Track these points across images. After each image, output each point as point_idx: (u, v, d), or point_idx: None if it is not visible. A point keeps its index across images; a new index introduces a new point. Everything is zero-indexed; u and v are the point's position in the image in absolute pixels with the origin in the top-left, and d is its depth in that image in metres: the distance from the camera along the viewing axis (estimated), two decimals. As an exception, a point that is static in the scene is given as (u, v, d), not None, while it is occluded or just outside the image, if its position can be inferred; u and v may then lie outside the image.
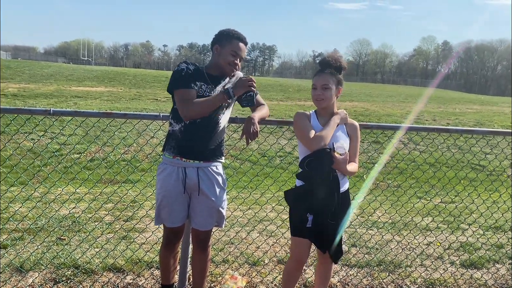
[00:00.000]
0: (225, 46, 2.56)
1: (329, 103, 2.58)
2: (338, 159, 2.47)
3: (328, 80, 2.53)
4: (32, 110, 2.79)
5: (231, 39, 2.57)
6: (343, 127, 2.66)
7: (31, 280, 3.20)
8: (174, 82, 2.52)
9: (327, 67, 2.57)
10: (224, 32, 2.60)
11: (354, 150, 2.67)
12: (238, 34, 2.60)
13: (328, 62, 2.57)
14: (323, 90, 2.53)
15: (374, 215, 5.06)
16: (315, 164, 2.51)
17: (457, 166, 8.72)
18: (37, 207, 4.78)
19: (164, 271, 2.84)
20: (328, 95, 2.54)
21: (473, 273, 3.79)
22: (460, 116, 17.32)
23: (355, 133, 2.68)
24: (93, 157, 8.43)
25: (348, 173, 2.58)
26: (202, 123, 2.55)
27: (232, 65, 2.58)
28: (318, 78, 2.55)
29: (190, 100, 2.47)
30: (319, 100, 2.56)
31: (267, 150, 8.91)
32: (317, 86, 2.55)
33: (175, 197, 2.59)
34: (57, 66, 40.06)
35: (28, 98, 15.69)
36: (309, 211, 2.57)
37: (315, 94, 2.56)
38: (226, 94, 2.46)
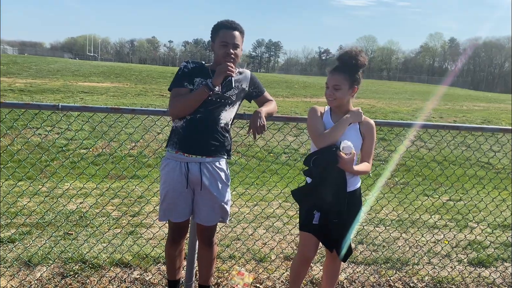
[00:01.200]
0: (215, 40, 2.56)
1: (340, 103, 2.53)
2: (344, 159, 2.40)
3: (339, 81, 2.47)
4: (40, 105, 2.79)
5: (217, 31, 2.56)
6: (357, 126, 2.59)
7: (39, 274, 3.22)
8: (174, 81, 2.59)
9: (342, 64, 2.50)
10: (213, 26, 2.60)
11: (368, 150, 2.61)
12: (224, 22, 2.56)
13: (345, 61, 2.48)
14: (334, 91, 2.48)
15: (382, 212, 5.04)
16: (319, 162, 2.49)
17: (466, 164, 8.67)
18: (45, 202, 4.80)
19: (170, 267, 2.84)
20: (339, 96, 2.49)
21: (481, 271, 3.77)
22: (467, 114, 17.21)
23: (370, 133, 2.61)
24: (100, 152, 8.46)
25: (356, 172, 2.51)
26: (202, 119, 2.54)
27: (225, 56, 2.52)
28: (330, 77, 2.50)
29: (175, 99, 2.53)
30: (330, 100, 2.52)
31: (274, 146, 8.89)
32: (329, 85, 2.51)
33: (178, 192, 2.59)
34: (63, 61, 40.22)
35: (35, 94, 15.78)
36: (316, 208, 2.56)
37: (327, 93, 2.53)
38: (206, 86, 2.46)
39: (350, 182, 2.59)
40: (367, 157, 2.62)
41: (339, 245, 2.65)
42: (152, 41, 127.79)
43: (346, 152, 2.41)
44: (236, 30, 2.55)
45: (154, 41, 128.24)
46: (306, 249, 2.66)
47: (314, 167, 2.51)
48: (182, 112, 2.52)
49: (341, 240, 2.65)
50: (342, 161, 2.41)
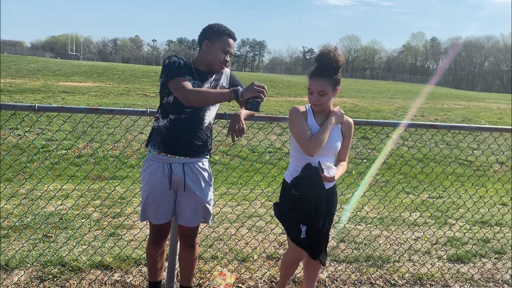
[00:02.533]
0: (215, 42, 2.52)
1: (325, 106, 2.50)
2: (328, 179, 2.39)
3: (324, 86, 2.41)
4: (16, 106, 2.74)
5: (221, 36, 2.53)
6: (338, 127, 2.59)
7: (16, 278, 3.16)
8: (170, 72, 2.44)
9: (324, 69, 2.42)
10: (214, 27, 2.55)
11: (346, 148, 2.64)
12: (228, 30, 2.56)
13: (326, 64, 2.41)
14: (320, 96, 2.43)
15: (363, 210, 5.09)
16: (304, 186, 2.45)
17: (445, 162, 8.81)
18: (22, 204, 4.71)
19: (151, 269, 2.82)
20: (324, 101, 2.44)
21: (460, 267, 3.83)
22: (448, 112, 17.47)
23: (350, 132, 2.63)
24: (80, 153, 8.34)
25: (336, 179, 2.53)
26: (187, 119, 2.52)
27: (223, 63, 2.55)
28: (314, 83, 2.42)
29: (191, 88, 2.43)
30: (316, 106, 2.48)
31: (256, 145, 8.89)
32: (313, 91, 2.43)
33: (161, 194, 2.57)
34: (44, 61, 39.50)
35: (14, 94, 15.46)
36: (302, 222, 2.55)
37: (312, 99, 2.46)
38: (234, 93, 2.38)
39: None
40: (345, 155, 2.65)
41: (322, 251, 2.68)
42: (136, 40, 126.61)
43: (331, 174, 2.40)
44: (235, 41, 2.60)
45: (138, 40, 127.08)
46: (297, 251, 2.68)
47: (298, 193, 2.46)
48: (199, 103, 2.46)
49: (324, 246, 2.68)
50: (325, 180, 2.41)
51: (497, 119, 16.57)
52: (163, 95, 2.56)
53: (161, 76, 2.49)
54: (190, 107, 2.50)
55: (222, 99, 2.45)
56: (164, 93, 2.55)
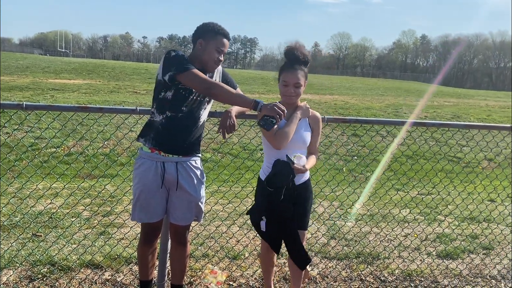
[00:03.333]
0: (209, 42, 2.51)
1: (298, 99, 2.61)
2: (299, 170, 2.45)
3: (300, 78, 2.53)
4: (3, 105, 2.70)
5: (215, 35, 2.52)
6: (306, 121, 2.66)
7: (5, 278, 3.13)
8: (182, 64, 2.39)
9: (296, 62, 2.56)
10: (209, 26, 2.54)
11: (315, 142, 2.69)
12: (223, 30, 2.56)
13: (298, 58, 2.55)
14: (295, 88, 2.54)
15: (353, 207, 5.12)
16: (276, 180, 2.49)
17: (434, 159, 8.90)
18: (11, 203, 4.66)
19: (142, 267, 2.81)
20: (299, 92, 2.56)
21: (448, 263, 3.88)
22: (437, 109, 17.63)
23: (317, 126, 2.69)
24: (70, 151, 8.27)
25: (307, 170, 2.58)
26: (183, 117, 2.51)
27: (217, 62, 2.55)
28: (290, 75, 2.53)
29: (216, 82, 2.42)
30: (291, 97, 2.56)
31: (247, 143, 8.89)
32: (289, 83, 2.53)
33: (153, 192, 2.56)
34: (33, 57, 39.06)
35: (2, 91, 15.27)
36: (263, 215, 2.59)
37: (287, 91, 2.55)
38: (254, 105, 2.37)
39: (300, 175, 2.62)
40: (314, 149, 2.70)
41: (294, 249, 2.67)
42: (126, 37, 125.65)
43: (302, 164, 2.46)
44: (229, 41, 2.60)
45: (128, 37, 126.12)
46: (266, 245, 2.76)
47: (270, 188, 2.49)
48: (220, 98, 2.44)
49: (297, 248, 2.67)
50: (297, 172, 2.46)
51: (486, 116, 16.76)
52: (160, 90, 2.50)
53: (167, 69, 2.41)
54: (187, 106, 2.49)
55: (243, 105, 2.47)
56: (162, 88, 2.49)
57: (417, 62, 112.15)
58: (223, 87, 2.42)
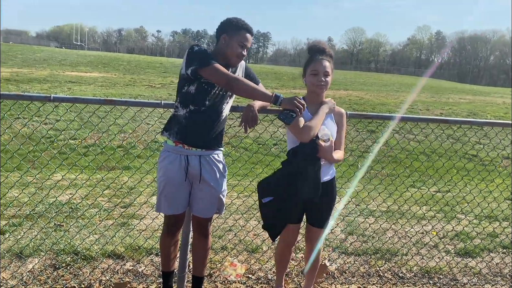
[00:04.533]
0: (233, 36, 2.53)
1: (325, 91, 2.60)
2: (323, 147, 2.45)
3: (329, 67, 2.55)
4: (32, 97, 2.76)
5: (239, 30, 2.54)
6: (331, 116, 2.67)
7: (31, 266, 3.21)
8: (205, 58, 2.43)
9: (323, 53, 2.57)
10: (233, 21, 2.56)
11: (340, 138, 2.69)
12: (246, 25, 2.58)
13: (324, 50, 2.57)
14: (325, 77, 2.54)
15: (372, 204, 5.11)
16: (299, 153, 2.51)
17: (454, 157, 8.80)
18: (35, 193, 4.75)
19: (164, 258, 2.85)
20: (328, 82, 2.56)
21: (468, 261, 3.86)
22: (453, 107, 17.40)
23: (342, 122, 2.70)
24: (90, 144, 8.38)
25: (334, 160, 2.57)
26: (206, 111, 2.54)
27: (240, 57, 2.57)
28: (319, 64, 2.53)
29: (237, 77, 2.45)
30: (321, 86, 2.54)
31: (267, 139, 8.91)
32: (319, 72, 2.52)
33: (177, 185, 2.60)
34: (49, 50, 39.52)
35: (21, 83, 15.51)
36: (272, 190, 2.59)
37: (317, 80, 2.53)
38: (275, 99, 2.42)
39: (326, 170, 2.64)
40: (340, 144, 2.69)
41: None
42: (140, 31, 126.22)
43: (325, 139, 2.45)
44: (252, 36, 2.62)
45: (142, 31, 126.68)
46: (286, 236, 2.74)
47: (294, 159, 2.52)
48: (241, 93, 2.47)
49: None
50: (321, 150, 2.46)
51: (503, 113, 16.49)
52: (183, 84, 2.55)
53: (190, 64, 2.45)
54: (210, 100, 2.52)
55: (263, 99, 2.49)
56: (185, 82, 2.53)
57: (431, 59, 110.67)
58: (244, 82, 2.45)
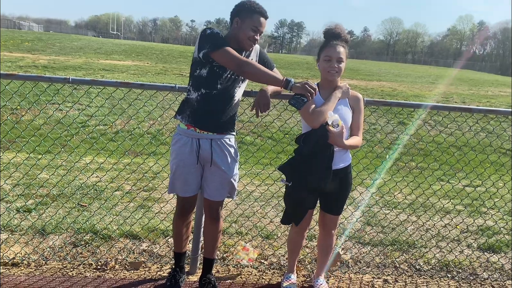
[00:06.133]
0: (245, 20, 2.52)
1: (339, 76, 2.55)
2: (334, 132, 2.40)
3: (342, 53, 2.49)
4: (52, 78, 2.86)
5: (252, 14, 2.53)
6: (346, 101, 2.60)
7: (51, 243, 3.34)
8: (217, 42, 2.44)
9: (337, 39, 2.52)
10: (246, 4, 2.55)
11: (357, 123, 2.62)
12: (260, 8, 2.55)
13: (339, 34, 2.52)
14: (338, 63, 2.49)
15: (392, 195, 5.01)
16: (309, 139, 2.49)
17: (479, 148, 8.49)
18: (59, 174, 4.94)
19: (177, 240, 2.91)
20: (341, 68, 2.51)
21: (489, 256, 3.73)
22: (491, 99, 16.72)
23: (358, 106, 2.62)
24: (120, 129, 8.60)
25: (346, 147, 2.52)
26: (218, 95, 2.55)
27: (252, 41, 2.55)
28: (333, 50, 2.48)
29: (248, 59, 2.45)
30: (333, 73, 2.50)
31: (282, 125, 8.87)
32: (332, 58, 2.48)
33: (188, 167, 2.63)
34: (86, 39, 40.64)
35: (57, 70, 16.03)
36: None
37: (330, 66, 2.49)
38: (286, 83, 2.41)
39: (341, 158, 2.60)
40: (357, 130, 2.62)
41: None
42: (175, 20, 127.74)
43: (334, 124, 2.40)
44: (266, 19, 2.59)
45: (177, 20, 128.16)
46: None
47: (304, 145, 2.51)
48: (251, 76, 2.47)
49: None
50: (331, 136, 2.42)
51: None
52: (195, 67, 2.57)
53: (202, 47, 2.47)
54: (221, 83, 2.53)
55: (273, 83, 2.49)
56: (197, 66, 2.55)
57: (473, 50, 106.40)
58: (255, 66, 2.43)
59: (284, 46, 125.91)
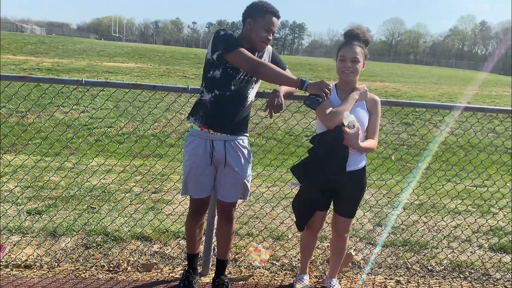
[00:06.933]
0: (257, 20, 2.52)
1: (355, 77, 2.53)
2: (349, 134, 2.39)
3: (358, 53, 2.47)
4: (64, 80, 2.86)
5: (264, 14, 2.52)
6: (363, 103, 2.58)
7: (63, 244, 3.34)
8: (231, 43, 2.44)
9: (355, 39, 2.50)
10: (258, 5, 2.55)
11: (373, 126, 2.60)
12: (272, 8, 2.55)
13: (357, 35, 2.50)
14: (352, 63, 2.47)
15: (402, 195, 5.00)
16: (324, 140, 2.48)
17: (489, 149, 8.46)
18: (68, 176, 4.94)
19: (189, 241, 2.90)
20: (356, 68, 2.49)
21: (502, 257, 3.71)
22: (496, 99, 16.69)
23: (375, 109, 2.60)
24: (122, 130, 8.61)
25: (361, 149, 2.51)
26: (231, 96, 2.55)
27: (265, 41, 2.55)
28: (348, 50, 2.47)
29: (262, 61, 2.45)
30: (348, 73, 2.49)
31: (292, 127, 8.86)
32: (346, 58, 2.47)
33: (202, 169, 2.62)
34: (89, 42, 40.71)
35: (61, 73, 16.08)
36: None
37: (344, 66, 2.49)
38: (301, 83, 2.41)
39: (356, 160, 2.59)
40: (373, 133, 2.60)
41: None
42: (176, 23, 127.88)
43: (350, 126, 2.39)
44: (279, 19, 2.59)
45: (178, 23, 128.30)
46: (312, 221, 2.73)
47: (319, 146, 2.50)
48: (266, 77, 2.47)
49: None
50: (347, 137, 2.41)
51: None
52: (209, 68, 2.56)
53: (216, 48, 2.47)
54: (234, 84, 2.53)
55: (288, 84, 2.49)
56: (211, 67, 2.55)
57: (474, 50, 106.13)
58: (269, 66, 2.43)
59: (286, 47, 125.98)
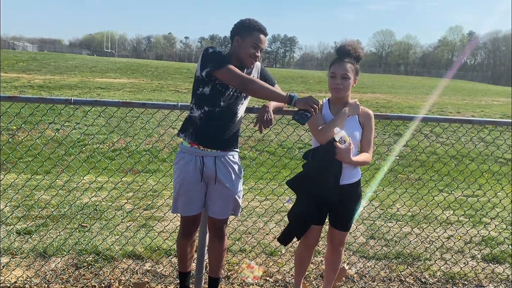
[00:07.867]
0: (246, 38, 2.55)
1: (346, 93, 2.55)
2: (340, 149, 2.41)
3: (348, 70, 2.49)
4: (54, 100, 2.85)
5: (252, 31, 2.55)
6: (355, 118, 2.60)
7: (53, 265, 3.30)
8: (220, 60, 2.47)
9: (346, 56, 2.53)
10: (245, 23, 2.58)
11: (367, 139, 2.62)
12: (259, 25, 2.58)
13: (348, 52, 2.53)
14: (343, 80, 2.50)
15: (393, 207, 5.00)
16: (317, 155, 2.50)
17: (480, 159, 8.53)
18: (59, 195, 4.89)
19: (181, 259, 2.87)
20: (346, 85, 2.51)
21: (494, 267, 3.72)
22: (485, 109, 16.88)
23: (369, 123, 2.62)
24: (114, 147, 8.57)
25: (353, 163, 2.51)
26: (221, 112, 2.55)
27: (253, 58, 2.58)
28: (338, 67, 2.50)
29: (250, 77, 2.47)
30: (338, 90, 2.52)
31: (284, 140, 8.89)
32: (336, 75, 2.50)
33: (192, 186, 2.61)
34: (81, 58, 40.75)
35: (53, 89, 16.05)
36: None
37: (334, 83, 2.52)
38: (289, 99, 2.42)
39: (350, 174, 2.60)
40: (367, 146, 2.62)
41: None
42: (169, 38, 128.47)
43: (341, 141, 2.41)
44: (266, 36, 2.62)
45: (171, 38, 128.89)
46: (307, 236, 2.72)
47: (312, 160, 2.51)
48: (255, 93, 2.48)
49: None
50: (339, 152, 2.42)
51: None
52: (198, 85, 2.58)
53: (205, 66, 2.49)
54: (224, 101, 2.54)
55: (277, 99, 2.50)
56: (200, 84, 2.56)
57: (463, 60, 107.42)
58: (258, 83, 2.46)
59: (277, 60, 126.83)
